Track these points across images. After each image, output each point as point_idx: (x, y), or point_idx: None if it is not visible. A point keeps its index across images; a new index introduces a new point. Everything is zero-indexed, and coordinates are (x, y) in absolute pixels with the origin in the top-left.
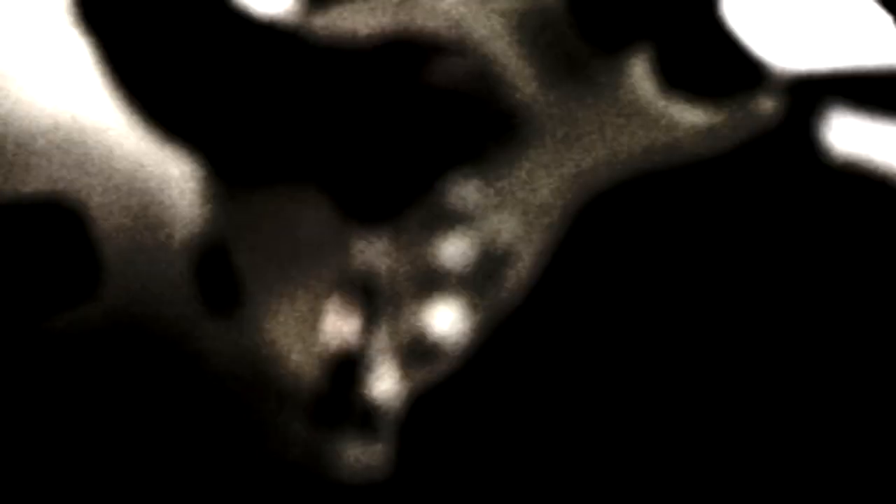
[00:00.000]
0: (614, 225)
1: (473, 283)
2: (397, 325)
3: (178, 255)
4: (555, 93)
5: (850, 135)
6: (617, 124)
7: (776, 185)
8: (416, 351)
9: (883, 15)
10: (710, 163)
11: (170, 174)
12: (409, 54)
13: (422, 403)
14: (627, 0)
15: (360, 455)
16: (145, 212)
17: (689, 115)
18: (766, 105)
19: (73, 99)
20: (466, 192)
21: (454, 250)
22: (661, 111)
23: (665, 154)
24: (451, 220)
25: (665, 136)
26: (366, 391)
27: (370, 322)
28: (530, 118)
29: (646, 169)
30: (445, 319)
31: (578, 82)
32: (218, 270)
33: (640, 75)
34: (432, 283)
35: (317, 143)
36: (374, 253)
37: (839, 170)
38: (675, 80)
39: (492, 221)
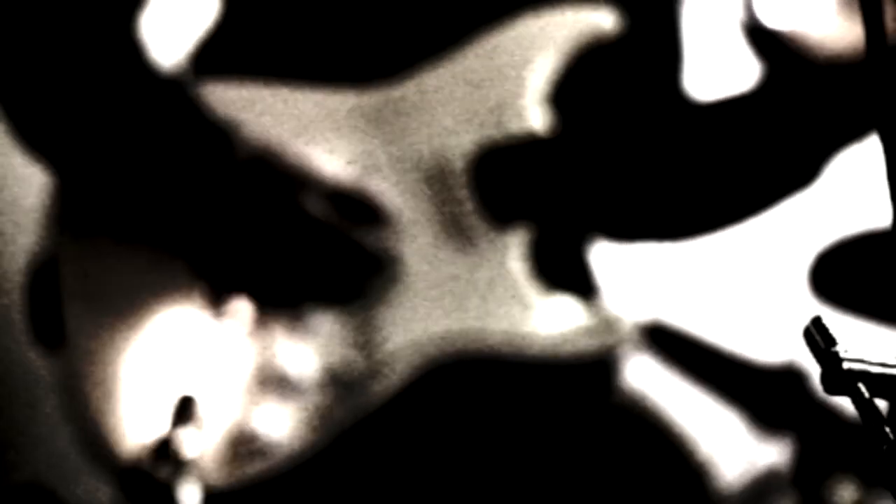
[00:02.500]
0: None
1: (308, 394)
2: (228, 418)
3: (13, 285)
4: (437, 253)
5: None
6: (482, 299)
7: (573, 417)
8: (244, 446)
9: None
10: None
11: (20, 205)
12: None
13: (238, 498)
14: (523, 185)
15: None
16: None
17: (545, 312)
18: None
19: None
20: (323, 319)
21: (297, 361)
22: (527, 299)
23: (518, 347)
24: (302, 336)
25: (523, 324)
26: (177, 478)
27: (194, 410)
28: (408, 271)
29: (490, 356)
30: (277, 421)
31: (460, 248)
32: (48, 307)
33: (516, 256)
34: (270, 384)
35: (186, 217)
36: (220, 341)
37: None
38: (546, 271)
39: (335, 347)
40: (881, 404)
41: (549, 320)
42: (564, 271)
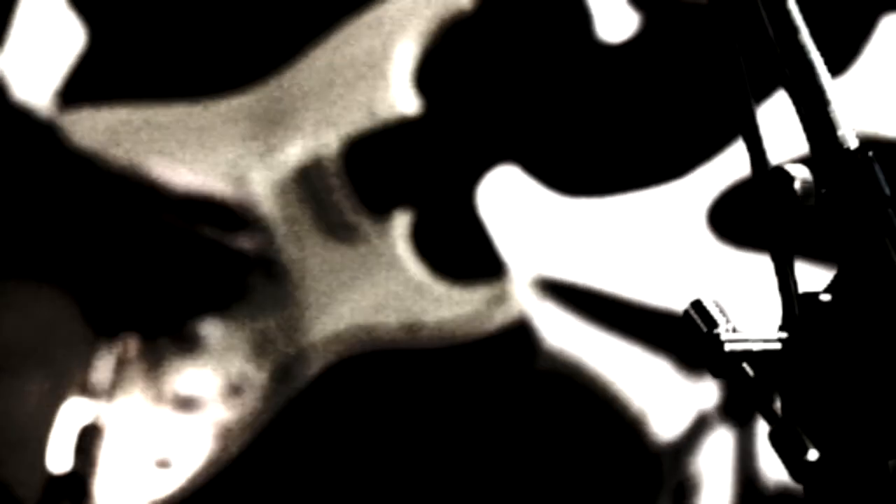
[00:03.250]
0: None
1: (209, 410)
2: (131, 446)
3: None
4: (321, 249)
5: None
6: (376, 288)
7: (495, 381)
8: (152, 467)
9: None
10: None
11: None
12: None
13: None
14: (398, 170)
15: None
16: None
17: (437, 290)
18: (505, 305)
19: None
20: (213, 329)
21: (193, 377)
22: (420, 282)
23: (422, 332)
24: (194, 351)
25: (415, 307)
26: None
27: (98, 437)
28: (293, 271)
29: (395, 345)
30: (182, 438)
31: (344, 241)
32: None
33: (400, 238)
34: (170, 403)
35: (72, 251)
36: (114, 367)
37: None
38: (427, 251)
39: (230, 359)
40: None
41: (447, 300)
42: (454, 247)
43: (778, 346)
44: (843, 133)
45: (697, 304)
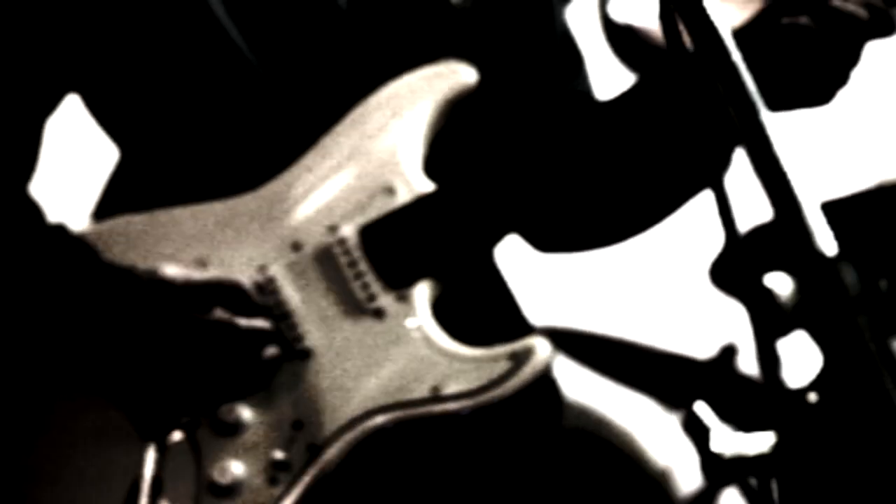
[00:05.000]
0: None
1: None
2: None
3: None
4: (345, 330)
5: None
6: (402, 362)
7: (525, 440)
8: None
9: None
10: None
11: None
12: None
13: None
14: (414, 245)
15: None
16: None
17: (457, 365)
18: (530, 363)
19: None
20: (247, 416)
21: (230, 464)
22: (440, 351)
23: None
24: (227, 436)
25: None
26: None
27: None
28: (321, 354)
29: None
30: None
31: (367, 318)
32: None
33: (421, 310)
34: (208, 492)
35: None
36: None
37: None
38: (449, 320)
39: (266, 445)
40: None
41: (473, 364)
42: (475, 313)
43: (768, 447)
44: (818, 241)
45: (691, 417)
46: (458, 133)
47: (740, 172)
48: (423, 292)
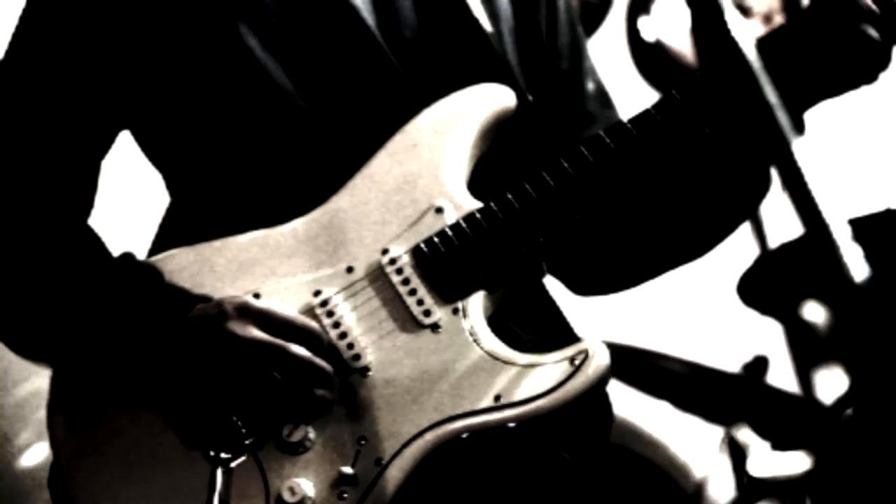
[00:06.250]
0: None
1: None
2: None
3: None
4: (402, 349)
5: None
6: (460, 377)
7: (579, 451)
8: None
9: None
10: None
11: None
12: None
13: None
14: (468, 259)
15: None
16: None
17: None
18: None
19: None
20: (307, 432)
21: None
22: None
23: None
24: (292, 454)
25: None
26: None
27: None
28: (373, 374)
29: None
30: None
31: (425, 333)
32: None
33: (478, 322)
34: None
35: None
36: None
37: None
38: (503, 331)
39: (331, 466)
40: None
41: (534, 372)
42: (527, 323)
43: (803, 471)
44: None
45: (731, 441)
46: (501, 153)
47: (771, 190)
48: (476, 304)
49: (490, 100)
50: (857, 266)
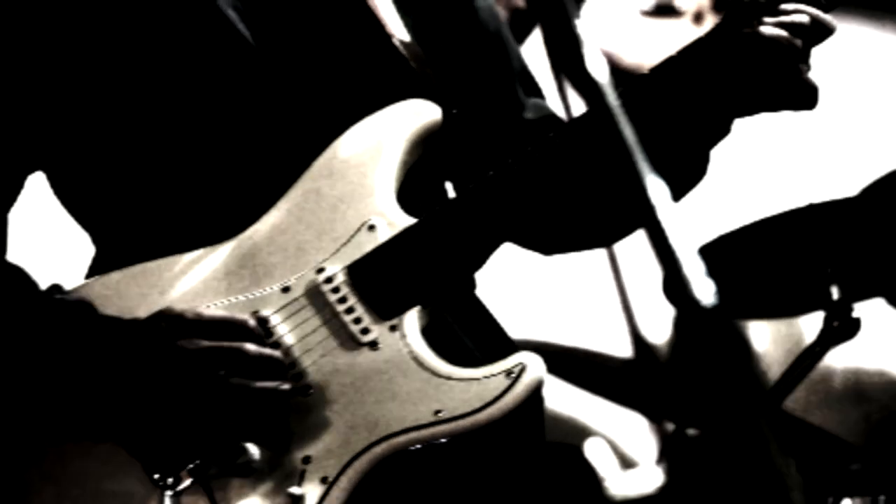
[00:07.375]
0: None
1: None
2: None
3: None
4: (340, 364)
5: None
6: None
7: (519, 455)
8: None
9: None
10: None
11: None
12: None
13: None
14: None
15: None
16: None
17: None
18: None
19: None
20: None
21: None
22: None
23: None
24: (238, 476)
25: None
26: None
27: None
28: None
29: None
30: None
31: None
32: None
33: (415, 339)
34: None
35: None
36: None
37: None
38: (441, 345)
39: (280, 486)
40: None
41: (471, 386)
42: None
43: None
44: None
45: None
46: (427, 166)
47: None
48: (412, 320)
49: (414, 115)
50: (703, 289)
